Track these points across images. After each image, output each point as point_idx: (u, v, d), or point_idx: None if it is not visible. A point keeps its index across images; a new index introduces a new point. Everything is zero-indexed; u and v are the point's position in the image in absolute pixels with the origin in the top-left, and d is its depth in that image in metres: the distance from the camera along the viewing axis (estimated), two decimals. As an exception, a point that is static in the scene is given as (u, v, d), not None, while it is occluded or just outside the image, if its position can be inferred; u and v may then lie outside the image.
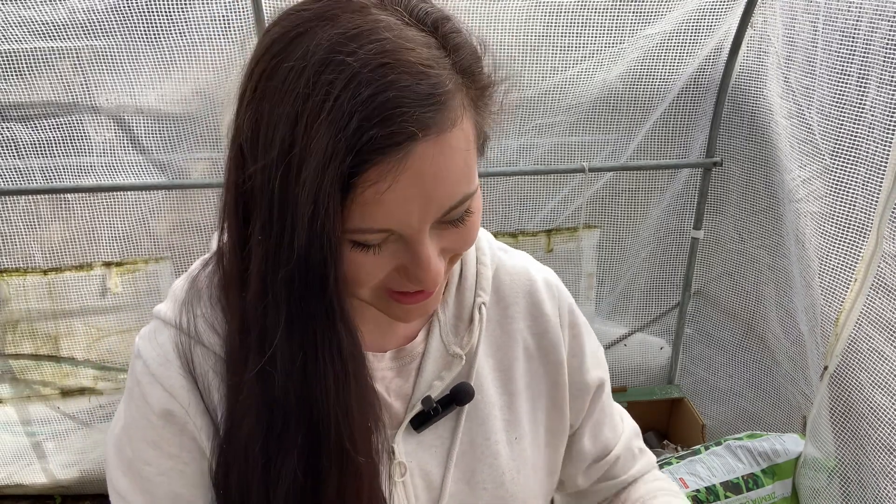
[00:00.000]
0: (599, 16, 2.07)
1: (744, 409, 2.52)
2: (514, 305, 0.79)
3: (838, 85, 1.79)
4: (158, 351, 0.67)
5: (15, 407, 2.41)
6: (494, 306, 0.78)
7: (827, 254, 1.86)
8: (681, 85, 2.28)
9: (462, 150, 0.56)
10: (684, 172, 2.46)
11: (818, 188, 1.89)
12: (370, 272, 0.59)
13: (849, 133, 1.76)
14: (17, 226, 2.17)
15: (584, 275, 2.51)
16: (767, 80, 2.16)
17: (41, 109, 2.02)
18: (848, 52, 1.76)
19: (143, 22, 1.91)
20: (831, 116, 1.82)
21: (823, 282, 1.87)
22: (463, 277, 0.76)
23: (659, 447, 2.62)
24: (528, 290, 0.79)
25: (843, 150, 1.79)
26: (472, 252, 0.77)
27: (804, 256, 1.99)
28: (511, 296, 0.79)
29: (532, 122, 2.26)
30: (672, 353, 2.72)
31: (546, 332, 0.79)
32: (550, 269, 0.85)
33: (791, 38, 1.99)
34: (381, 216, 0.55)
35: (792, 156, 2.02)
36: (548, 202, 2.40)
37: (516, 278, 0.80)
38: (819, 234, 1.89)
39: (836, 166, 1.81)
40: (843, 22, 1.78)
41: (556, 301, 0.81)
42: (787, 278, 2.20)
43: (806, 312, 2.03)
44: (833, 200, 1.83)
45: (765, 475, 2.06)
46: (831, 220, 1.84)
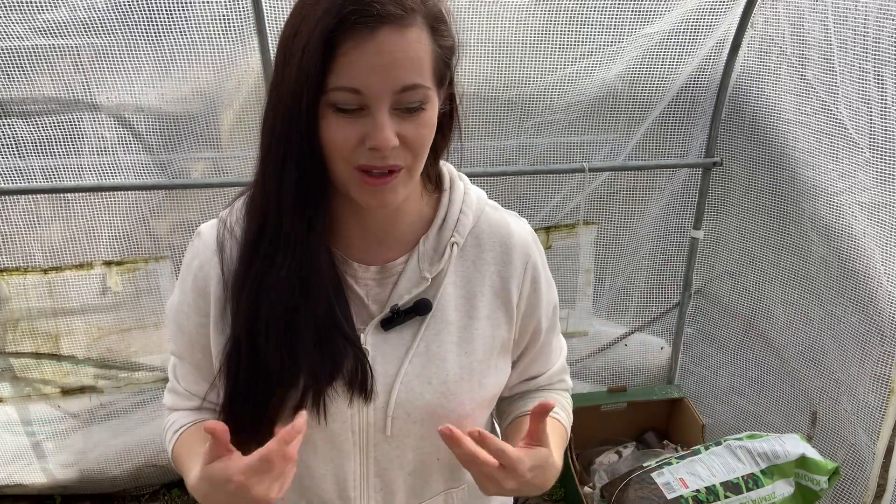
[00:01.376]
0: (599, 14, 2.07)
1: (744, 410, 2.52)
2: (489, 251, 0.97)
3: (860, 82, 1.86)
4: (206, 236, 0.96)
5: (15, 406, 2.41)
6: (472, 248, 0.97)
7: (887, 242, 1.89)
8: (680, 84, 2.28)
9: (417, 46, 0.77)
10: (683, 171, 2.46)
11: (863, 180, 1.92)
12: (345, 136, 0.78)
13: (880, 127, 1.83)
14: (17, 225, 2.17)
15: (582, 271, 2.51)
16: (773, 78, 2.16)
17: (42, 107, 2.03)
18: (862, 50, 1.82)
19: (143, 21, 1.91)
20: (860, 112, 1.88)
21: (888, 269, 1.90)
22: (445, 220, 0.95)
23: (659, 447, 2.62)
24: (503, 241, 0.97)
25: (878, 144, 1.85)
26: (457, 203, 0.96)
27: (853, 248, 2.00)
28: (488, 242, 0.97)
29: (531, 120, 2.26)
30: (672, 353, 2.72)
31: (511, 278, 0.97)
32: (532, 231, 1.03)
33: (802, 38, 2.02)
34: (353, 76, 0.75)
35: (821, 150, 2.04)
36: (548, 202, 2.40)
37: (496, 229, 0.98)
38: (876, 223, 1.92)
39: (875, 159, 1.86)
40: (852, 20, 1.83)
41: (525, 256, 0.98)
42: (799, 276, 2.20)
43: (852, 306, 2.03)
44: (882, 190, 1.87)
45: (765, 475, 2.06)
46: (885, 210, 1.88)
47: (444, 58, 0.83)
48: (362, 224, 0.93)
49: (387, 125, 0.77)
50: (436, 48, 0.81)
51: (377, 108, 0.77)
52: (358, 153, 0.79)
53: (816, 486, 2.04)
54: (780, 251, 2.29)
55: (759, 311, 2.42)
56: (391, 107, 0.78)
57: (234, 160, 2.23)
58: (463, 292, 0.95)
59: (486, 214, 0.99)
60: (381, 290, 0.93)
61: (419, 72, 0.78)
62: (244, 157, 2.22)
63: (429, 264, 0.93)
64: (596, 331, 2.63)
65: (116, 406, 2.47)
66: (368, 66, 0.75)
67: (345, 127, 0.78)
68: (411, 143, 0.80)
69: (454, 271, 0.95)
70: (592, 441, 2.60)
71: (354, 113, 0.78)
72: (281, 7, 1.93)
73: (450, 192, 0.97)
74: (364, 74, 0.75)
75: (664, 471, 2.12)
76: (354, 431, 0.92)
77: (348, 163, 0.81)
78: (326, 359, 0.87)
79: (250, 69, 2.05)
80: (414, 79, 0.77)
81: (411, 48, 0.77)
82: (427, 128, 0.82)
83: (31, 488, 2.50)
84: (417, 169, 0.85)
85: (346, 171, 0.81)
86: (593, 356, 2.68)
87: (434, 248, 0.94)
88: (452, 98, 0.91)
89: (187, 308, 0.96)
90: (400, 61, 0.76)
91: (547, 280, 1.02)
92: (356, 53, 0.75)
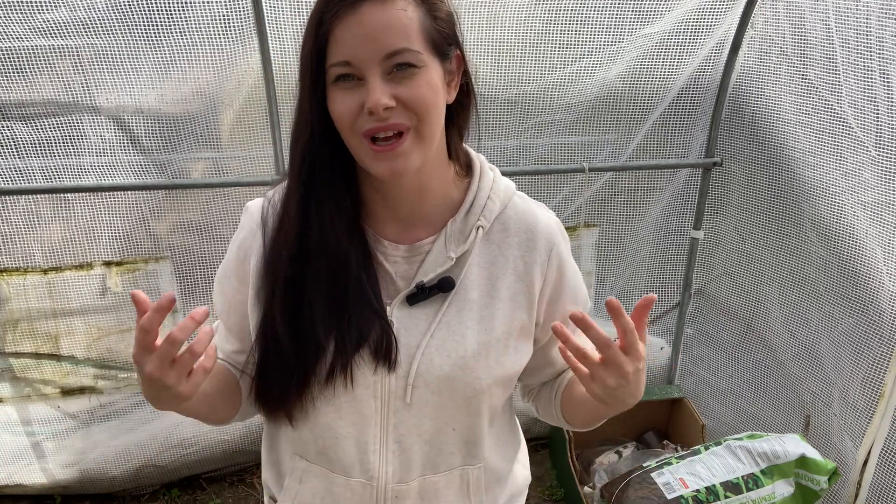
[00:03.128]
0: (599, 14, 2.07)
1: (744, 410, 2.52)
2: (514, 236, 1.01)
3: (865, 80, 1.85)
4: (252, 210, 1.02)
5: (15, 406, 2.41)
6: (498, 233, 1.01)
7: (889, 241, 1.89)
8: (680, 84, 2.28)
9: (401, 14, 0.84)
10: (684, 172, 2.46)
11: (868, 179, 1.92)
12: (346, 106, 0.86)
13: (886, 125, 1.83)
14: (17, 225, 2.17)
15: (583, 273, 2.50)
16: (773, 79, 2.16)
17: (41, 108, 2.03)
18: (865, 49, 1.82)
19: (143, 21, 1.91)
20: (866, 110, 1.88)
21: (889, 269, 1.90)
22: (473, 205, 1.00)
23: (659, 447, 2.62)
24: (529, 227, 1.02)
25: (884, 142, 1.84)
26: (485, 189, 1.01)
27: (854, 248, 2.00)
28: (513, 228, 1.01)
29: (531, 120, 2.26)
30: (672, 354, 2.72)
31: (534, 264, 1.01)
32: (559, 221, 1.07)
33: (803, 37, 2.02)
34: (342, 50, 0.84)
35: (823, 150, 2.04)
36: (548, 202, 2.38)
37: (522, 216, 1.02)
38: (879, 223, 1.92)
39: (881, 157, 1.86)
40: (854, 20, 1.83)
41: (549, 244, 1.02)
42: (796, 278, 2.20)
43: (851, 307, 2.03)
44: (886, 189, 1.87)
45: (764, 475, 2.06)
46: (888, 209, 1.88)
47: (438, 28, 0.88)
48: (390, 206, 0.99)
49: (377, 87, 0.84)
50: (426, 19, 0.87)
51: (368, 74, 0.84)
52: (361, 120, 0.86)
53: (816, 485, 2.04)
54: (778, 252, 2.29)
55: (759, 311, 2.42)
56: (383, 73, 0.85)
57: (234, 160, 2.23)
58: (486, 273, 1.00)
59: (514, 203, 1.03)
60: (409, 268, 0.99)
61: (405, 37, 0.84)
62: (244, 157, 2.22)
63: (455, 245, 0.98)
64: (596, 331, 2.62)
65: (116, 406, 2.47)
66: (354, 38, 0.83)
67: (345, 98, 0.86)
68: (409, 101, 0.85)
69: (479, 253, 1.00)
70: (592, 441, 2.61)
71: (353, 85, 0.85)
72: (281, 7, 1.93)
73: (479, 179, 1.02)
74: (352, 47, 0.84)
75: (664, 471, 2.12)
76: (377, 397, 0.97)
77: (354, 132, 0.87)
78: (354, 329, 0.93)
79: (250, 69, 2.05)
80: (399, 43, 0.84)
81: (394, 17, 0.84)
82: (423, 87, 0.86)
83: (31, 488, 2.50)
84: (427, 132, 0.89)
85: (355, 140, 0.88)
86: (593, 356, 2.67)
87: (461, 231, 0.99)
88: (466, 73, 0.95)
89: (230, 273, 1.03)
90: (383, 30, 0.83)
91: (574, 270, 1.06)
92: (343, 30, 0.84)
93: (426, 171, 0.96)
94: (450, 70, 0.92)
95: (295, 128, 0.93)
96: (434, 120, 0.89)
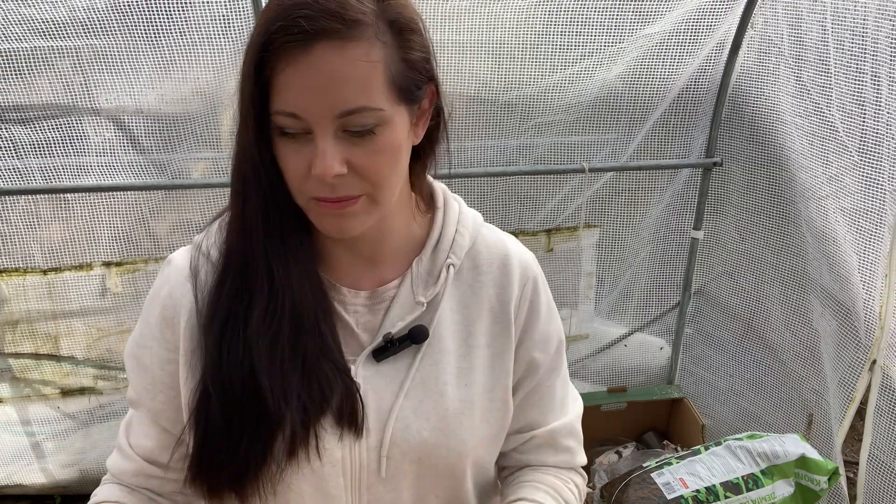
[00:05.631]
0: (599, 14, 2.07)
1: (744, 410, 2.52)
2: (487, 273, 0.90)
3: (855, 83, 1.82)
4: (178, 261, 0.87)
5: (15, 407, 2.41)
6: (470, 271, 0.90)
7: (865, 249, 1.88)
8: (681, 85, 2.28)
9: (362, 64, 0.69)
10: (684, 172, 2.46)
11: (848, 184, 1.91)
12: (294, 165, 0.73)
13: (871, 130, 1.80)
14: (16, 226, 2.17)
15: (584, 274, 2.51)
16: (772, 79, 2.16)
17: (41, 109, 2.02)
18: (860, 51, 1.79)
19: (142, 21, 1.91)
20: (853, 114, 1.85)
21: (864, 277, 1.89)
22: (440, 241, 0.89)
23: (659, 447, 2.62)
24: (502, 262, 0.90)
25: (869, 147, 1.82)
26: (452, 223, 0.90)
27: (836, 253, 1.99)
28: (486, 264, 0.90)
29: (531, 121, 2.26)
30: (672, 353, 2.72)
31: (509, 301, 0.89)
32: (532, 254, 0.96)
33: (799, 38, 2.00)
34: (288, 99, 0.69)
35: (812, 153, 2.03)
36: (548, 202, 2.40)
37: (493, 250, 0.91)
38: (854, 230, 1.91)
39: (864, 162, 1.84)
40: (851, 21, 1.81)
41: (524, 276, 0.91)
42: (796, 277, 2.20)
43: (838, 309, 2.03)
44: (865, 196, 1.85)
45: (764, 476, 2.06)
46: (864, 216, 1.87)
47: (410, 71, 0.74)
48: (348, 246, 0.86)
49: (328, 152, 0.70)
50: (395, 62, 0.72)
51: (318, 132, 0.70)
52: (309, 184, 0.73)
53: (816, 486, 2.04)
54: (778, 252, 2.29)
55: (758, 311, 2.42)
56: (337, 130, 0.70)
57: (233, 161, 2.22)
58: (460, 318, 0.88)
59: (483, 235, 0.92)
60: (373, 318, 0.86)
61: (365, 93, 0.69)
62: (244, 157, 2.21)
63: (423, 288, 0.86)
64: (596, 331, 2.63)
65: (116, 407, 2.47)
66: (304, 87, 0.68)
67: (292, 154, 0.73)
68: (363, 170, 0.73)
69: (450, 296, 0.88)
70: (592, 441, 2.61)
71: (301, 138, 0.71)
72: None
73: (444, 211, 0.90)
74: (300, 97, 0.69)
75: (664, 471, 2.12)
76: (346, 474, 0.83)
77: (302, 192, 0.75)
78: (314, 391, 0.79)
79: (250, 70, 2.05)
80: (357, 101, 0.69)
81: (353, 66, 0.68)
82: (383, 153, 0.73)
83: (31, 488, 2.50)
84: (383, 196, 0.77)
85: (302, 200, 0.76)
86: (593, 356, 2.68)
87: (428, 271, 0.87)
88: (440, 112, 0.83)
89: (152, 341, 0.86)
90: (339, 82, 0.68)
91: (548, 307, 0.94)
92: (290, 74, 0.68)
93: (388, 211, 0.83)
94: (420, 110, 0.79)
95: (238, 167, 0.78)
96: (392, 185, 0.77)
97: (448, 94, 0.85)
